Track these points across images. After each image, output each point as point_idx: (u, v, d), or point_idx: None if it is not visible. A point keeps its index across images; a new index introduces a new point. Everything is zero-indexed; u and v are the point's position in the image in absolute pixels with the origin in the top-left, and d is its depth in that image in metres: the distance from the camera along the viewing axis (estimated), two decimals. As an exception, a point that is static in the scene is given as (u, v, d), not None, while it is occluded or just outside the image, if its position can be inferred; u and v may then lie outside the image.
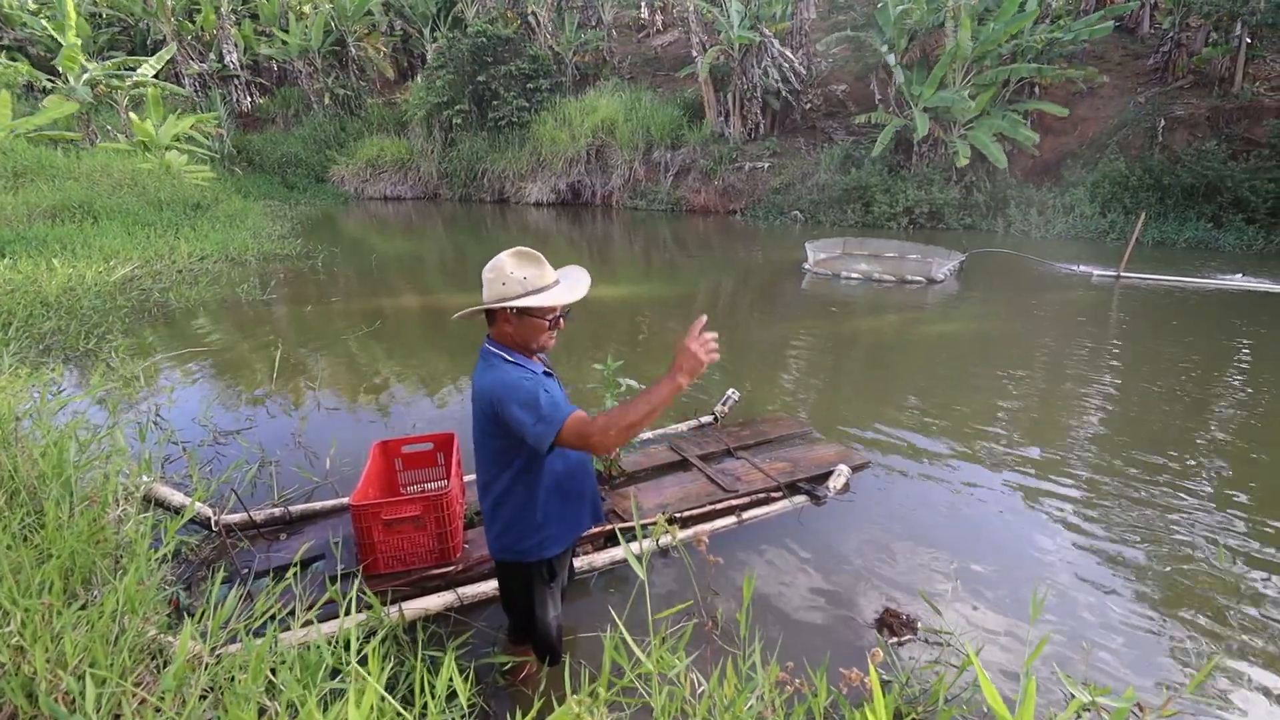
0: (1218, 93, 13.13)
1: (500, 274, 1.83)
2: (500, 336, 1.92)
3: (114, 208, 10.77)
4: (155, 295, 7.71)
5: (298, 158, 20.09)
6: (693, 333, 1.67)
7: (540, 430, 1.72)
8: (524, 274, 1.83)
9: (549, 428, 1.71)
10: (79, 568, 2.10)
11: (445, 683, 1.50)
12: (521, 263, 1.84)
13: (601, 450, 1.74)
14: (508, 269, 1.82)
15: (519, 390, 1.77)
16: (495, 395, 1.80)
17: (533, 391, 1.76)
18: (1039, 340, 6.65)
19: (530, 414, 1.74)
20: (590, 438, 1.69)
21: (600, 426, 1.68)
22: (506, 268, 1.83)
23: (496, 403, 1.80)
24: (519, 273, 1.82)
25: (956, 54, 12.52)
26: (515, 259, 1.84)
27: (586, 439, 1.70)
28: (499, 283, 1.83)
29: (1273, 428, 4.59)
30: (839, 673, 1.64)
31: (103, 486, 2.63)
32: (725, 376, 5.47)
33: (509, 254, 1.86)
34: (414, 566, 2.80)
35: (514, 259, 1.84)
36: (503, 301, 1.83)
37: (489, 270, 1.85)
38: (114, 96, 16.05)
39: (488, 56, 17.48)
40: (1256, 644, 2.63)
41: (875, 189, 13.77)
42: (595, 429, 1.68)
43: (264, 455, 4.06)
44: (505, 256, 1.85)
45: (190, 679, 1.62)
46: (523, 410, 1.75)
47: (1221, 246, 11.18)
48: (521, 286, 1.82)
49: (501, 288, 1.83)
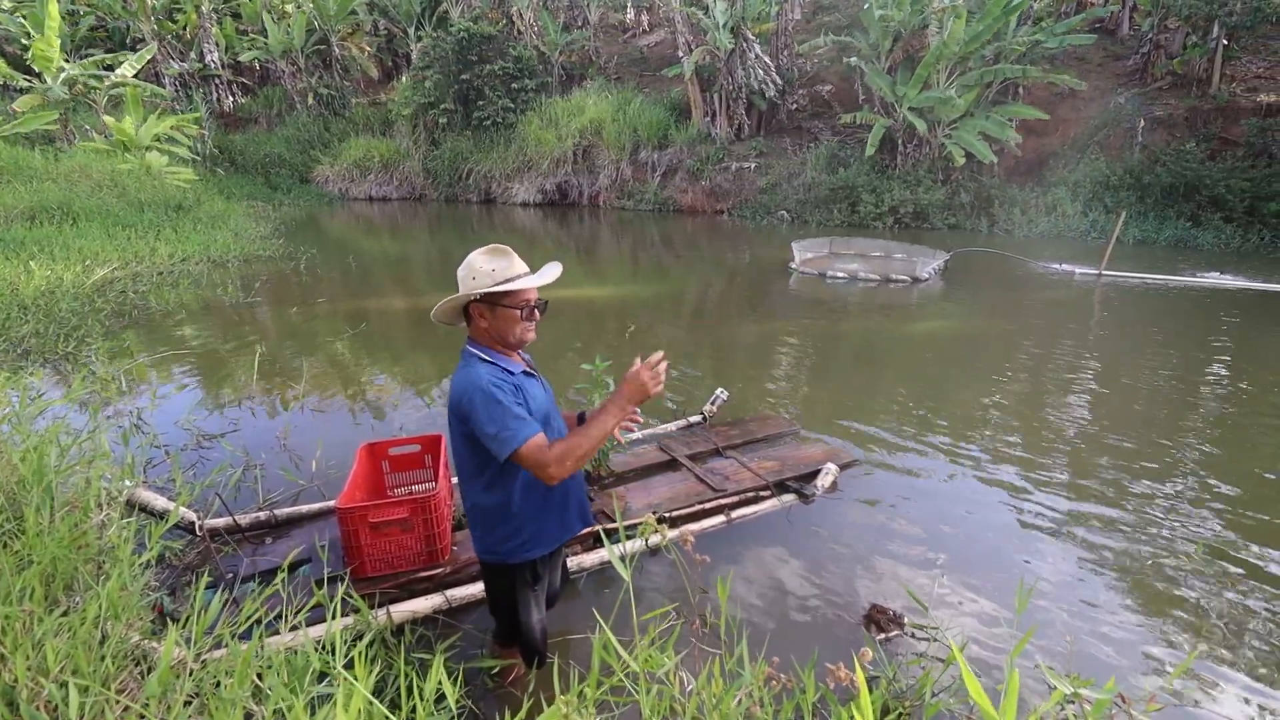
0: (1195, 93, 13.36)
1: (471, 270, 1.85)
2: (477, 334, 1.92)
3: (93, 209, 10.62)
4: (134, 298, 7.60)
5: (281, 158, 19.90)
6: (650, 361, 1.77)
7: (496, 447, 1.76)
8: (493, 267, 1.84)
9: (504, 446, 1.75)
10: (60, 574, 2.07)
11: (434, 685, 1.50)
12: (491, 257, 1.86)
13: (553, 480, 1.79)
14: (477, 264, 1.84)
15: (486, 394, 1.77)
16: (465, 395, 1.80)
17: (500, 399, 1.77)
18: (1023, 338, 6.73)
19: (493, 424, 1.76)
20: (546, 467, 1.74)
21: (556, 456, 1.73)
22: (476, 263, 1.85)
23: (466, 403, 1.80)
24: (488, 266, 1.84)
25: (941, 54, 12.64)
26: (485, 254, 1.86)
27: (542, 467, 1.75)
28: (469, 278, 1.85)
29: (1252, 422, 4.68)
30: (827, 669, 1.65)
31: (84, 491, 2.60)
32: (714, 376, 5.49)
33: (480, 251, 1.87)
34: (402, 569, 2.78)
35: (484, 255, 1.86)
36: (472, 293, 1.84)
37: (461, 268, 1.87)
38: (92, 96, 15.80)
39: (472, 55, 17.41)
40: (1236, 636, 2.68)
41: (861, 189, 13.88)
42: (551, 458, 1.73)
43: (248, 459, 4.02)
44: (476, 253, 1.87)
45: (175, 685, 1.60)
46: (487, 418, 1.76)
47: (1200, 245, 11.36)
48: (491, 279, 1.83)
49: (472, 282, 1.84)
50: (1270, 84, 13.00)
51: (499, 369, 1.86)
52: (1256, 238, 11.26)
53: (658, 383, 1.77)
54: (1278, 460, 4.13)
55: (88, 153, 13.58)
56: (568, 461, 1.74)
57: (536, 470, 1.76)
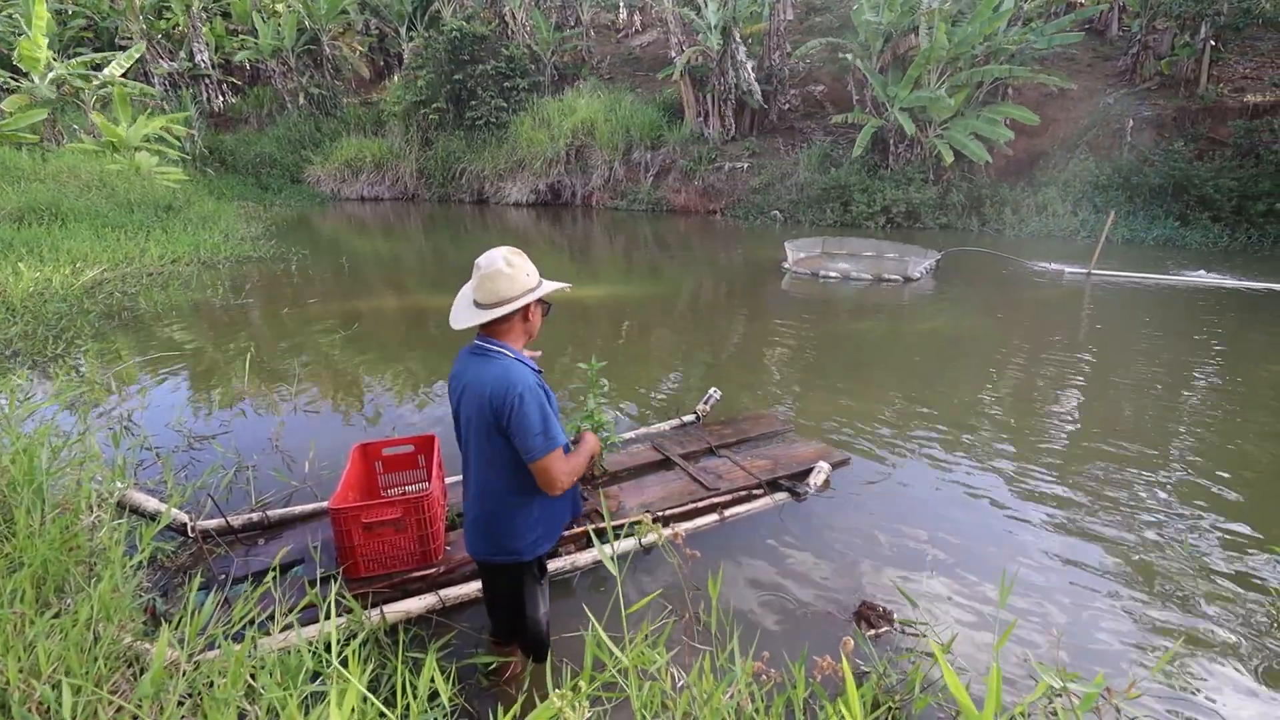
0: (1183, 94, 13.47)
1: (523, 267, 1.84)
2: (511, 332, 1.88)
3: (82, 210, 10.53)
4: (124, 299, 7.56)
5: (272, 158, 19.77)
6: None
7: (537, 444, 1.78)
8: (530, 266, 1.87)
9: (545, 447, 1.79)
10: (52, 576, 2.06)
11: (427, 683, 1.51)
12: (525, 256, 1.88)
13: (555, 491, 1.85)
14: (524, 263, 1.84)
15: (536, 395, 1.80)
16: (512, 392, 1.76)
17: (544, 403, 1.81)
18: (1013, 337, 6.78)
19: (541, 424, 1.78)
20: (558, 477, 1.83)
21: (569, 470, 1.85)
22: (522, 262, 1.84)
23: (513, 400, 1.75)
24: (528, 265, 1.86)
25: (931, 55, 12.71)
26: (519, 255, 1.86)
27: (558, 479, 1.83)
28: (523, 274, 1.83)
29: (1240, 418, 4.73)
30: (815, 663, 1.67)
31: (75, 493, 2.59)
32: (707, 375, 5.51)
33: (510, 251, 1.85)
34: (395, 569, 2.79)
35: (518, 255, 1.85)
36: (532, 293, 1.85)
37: (507, 265, 1.80)
38: (81, 96, 15.67)
39: (464, 55, 17.37)
40: (1220, 628, 2.71)
41: (854, 188, 13.92)
42: (564, 472, 1.84)
43: (240, 460, 4.01)
44: (510, 253, 1.83)
45: (168, 685, 1.61)
46: (538, 417, 1.78)
47: (1188, 244, 11.46)
48: (538, 278, 1.86)
49: (526, 278, 1.83)
50: (1257, 84, 13.13)
51: (537, 373, 1.89)
52: (1244, 237, 11.36)
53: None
54: (1264, 456, 4.19)
55: (76, 153, 13.46)
56: (574, 477, 1.89)
57: (554, 478, 1.81)
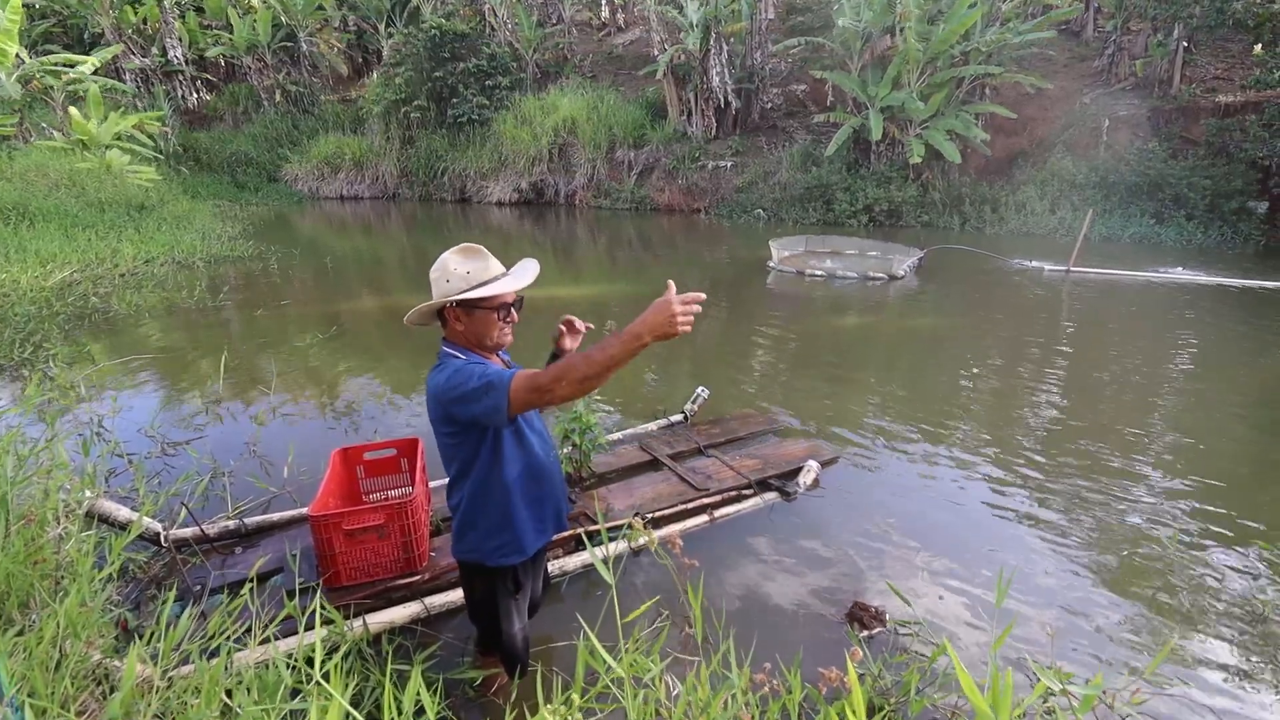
0: (1158, 94, 13.72)
1: (445, 272, 1.79)
2: (453, 336, 1.87)
3: (51, 209, 10.26)
4: (96, 301, 7.36)
5: (248, 156, 19.44)
6: (686, 296, 1.52)
7: (491, 401, 1.64)
8: (467, 269, 1.79)
9: (498, 394, 1.62)
10: (15, 591, 1.97)
11: (413, 697, 1.45)
12: (465, 258, 1.80)
13: (557, 400, 1.62)
14: (451, 265, 1.79)
15: (463, 373, 1.71)
16: (446, 386, 1.73)
17: (476, 371, 1.71)
18: (995, 333, 6.84)
19: (478, 389, 1.66)
20: (542, 390, 1.59)
21: (552, 376, 1.58)
22: (450, 265, 1.79)
23: (449, 392, 1.72)
24: (462, 268, 1.79)
25: (908, 57, 12.81)
26: (458, 255, 1.81)
27: (540, 391, 1.59)
28: (443, 280, 1.80)
29: (1217, 413, 4.80)
30: (814, 669, 1.64)
31: (41, 503, 2.49)
32: (694, 374, 5.48)
33: (452, 251, 1.82)
34: (378, 577, 2.71)
35: (457, 255, 1.81)
36: (446, 298, 1.79)
37: (434, 270, 1.82)
38: (50, 93, 15.27)
39: (445, 53, 17.19)
40: (1210, 624, 2.73)
41: (836, 187, 14.00)
42: (546, 378, 1.58)
43: (216, 466, 3.89)
44: (449, 254, 1.81)
45: (139, 705, 1.54)
46: (470, 377, 1.68)
47: (1163, 242, 11.66)
48: (465, 282, 1.78)
49: (446, 285, 1.79)
50: (1228, 85, 13.39)
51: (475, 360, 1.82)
52: (1217, 234, 11.59)
53: (687, 323, 1.50)
54: (1242, 447, 4.25)
55: (44, 151, 13.11)
56: (564, 381, 1.56)
57: (537, 395, 1.61)
